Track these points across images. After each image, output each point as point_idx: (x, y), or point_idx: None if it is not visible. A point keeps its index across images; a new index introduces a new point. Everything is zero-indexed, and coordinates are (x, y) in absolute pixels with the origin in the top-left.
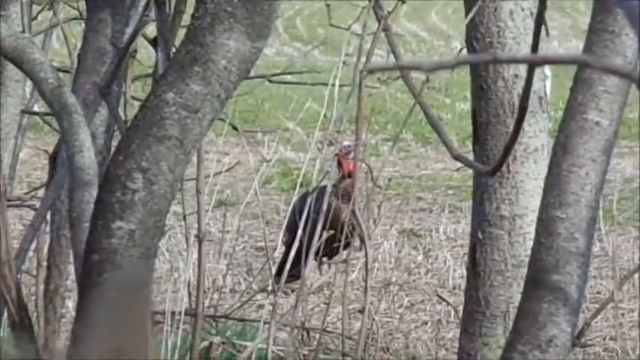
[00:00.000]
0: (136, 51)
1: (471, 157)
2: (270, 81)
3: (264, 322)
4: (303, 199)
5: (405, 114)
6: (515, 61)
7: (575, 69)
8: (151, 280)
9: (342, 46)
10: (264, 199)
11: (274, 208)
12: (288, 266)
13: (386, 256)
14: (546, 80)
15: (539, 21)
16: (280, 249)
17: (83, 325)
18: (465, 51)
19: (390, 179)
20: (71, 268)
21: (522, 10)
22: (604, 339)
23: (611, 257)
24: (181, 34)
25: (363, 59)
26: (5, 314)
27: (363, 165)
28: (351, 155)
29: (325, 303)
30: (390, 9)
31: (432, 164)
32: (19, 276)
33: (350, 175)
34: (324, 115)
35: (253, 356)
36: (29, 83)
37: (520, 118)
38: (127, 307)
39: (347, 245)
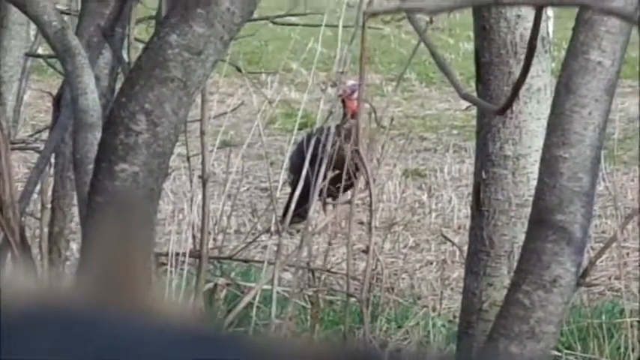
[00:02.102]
0: None
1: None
2: (274, 22)
3: (269, 263)
4: (307, 139)
5: (409, 54)
6: (517, 3)
7: (577, 9)
8: (155, 222)
9: None
10: (267, 139)
11: (278, 149)
12: (292, 207)
13: (390, 196)
14: (549, 21)
15: None
16: (283, 190)
17: (87, 267)
18: None
19: (393, 119)
20: (75, 211)
21: None
22: (609, 278)
23: (614, 196)
24: None
25: (367, 0)
26: (9, 257)
27: (367, 105)
28: (355, 95)
29: (330, 243)
30: None
31: (436, 104)
32: (23, 218)
33: (353, 115)
34: (333, 56)
35: (258, 297)
36: (33, 26)
37: (528, 57)
38: (128, 246)
39: (351, 185)
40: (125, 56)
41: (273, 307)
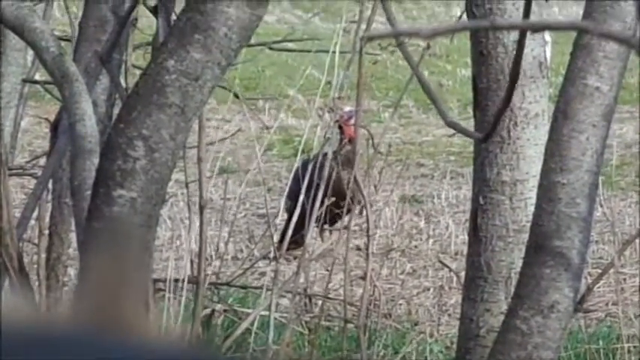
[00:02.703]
0: (136, 19)
1: (472, 123)
2: (272, 48)
3: (267, 289)
4: (304, 166)
5: (406, 81)
6: (514, 27)
7: (575, 35)
8: (152, 248)
9: (343, 13)
10: (265, 166)
11: (276, 175)
12: (289, 233)
13: (387, 222)
14: (546, 46)
15: None
16: (282, 216)
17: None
18: (464, 17)
19: (391, 145)
20: (73, 237)
21: None
22: (606, 304)
23: (612, 222)
24: (182, 2)
25: (364, 26)
26: (7, 283)
27: (364, 131)
28: (353, 121)
29: (327, 270)
30: None
31: (433, 130)
32: (20, 244)
33: (350, 140)
34: (329, 82)
35: (255, 323)
36: (30, 52)
37: (511, 85)
38: (124, 268)
39: (348, 212)
40: (122, 82)
41: (270, 333)
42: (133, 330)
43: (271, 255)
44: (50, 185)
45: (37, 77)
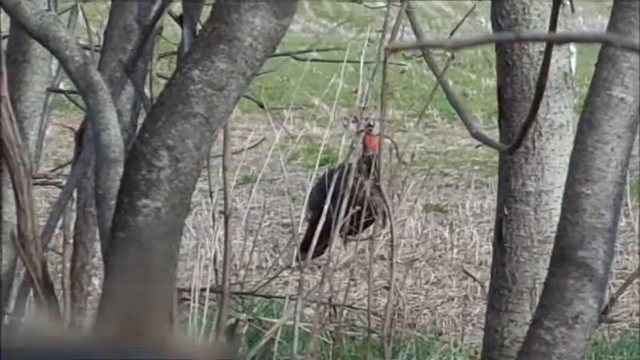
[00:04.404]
0: (161, 28)
1: (497, 133)
2: (296, 58)
3: (291, 299)
4: (330, 175)
5: (430, 90)
6: (538, 39)
7: (599, 45)
8: (177, 257)
9: (368, 23)
10: (289, 175)
11: (300, 185)
12: (314, 243)
13: (412, 232)
14: (571, 57)
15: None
16: (303, 226)
17: (109, 303)
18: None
19: (415, 155)
20: (97, 246)
21: None
22: (630, 314)
23: (637, 232)
24: (207, 11)
25: (389, 36)
26: (31, 292)
27: (388, 141)
28: (374, 127)
29: (351, 279)
30: None
31: (457, 140)
32: (45, 254)
33: (366, 146)
34: (355, 91)
35: (280, 333)
36: (55, 61)
37: (538, 96)
38: (150, 282)
39: (372, 221)
40: (147, 92)
41: (294, 342)
42: (157, 342)
43: (295, 264)
44: (75, 194)
45: (61, 86)
